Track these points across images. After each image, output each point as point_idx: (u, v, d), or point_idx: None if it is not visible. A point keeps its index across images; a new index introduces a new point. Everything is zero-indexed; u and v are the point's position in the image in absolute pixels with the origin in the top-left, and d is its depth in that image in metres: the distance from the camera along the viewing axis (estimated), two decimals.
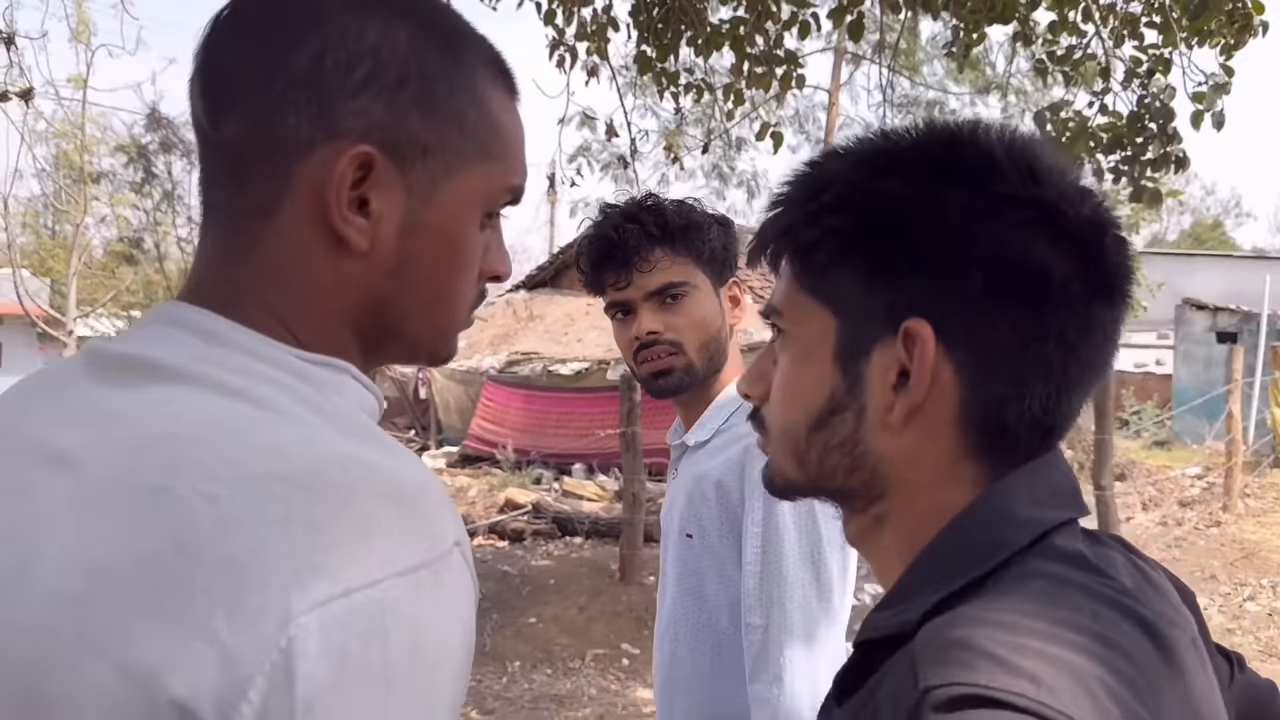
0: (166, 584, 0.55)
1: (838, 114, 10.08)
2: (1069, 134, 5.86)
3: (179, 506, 0.57)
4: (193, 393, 0.63)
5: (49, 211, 21.85)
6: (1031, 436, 0.71)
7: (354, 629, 0.54)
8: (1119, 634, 0.64)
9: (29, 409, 0.68)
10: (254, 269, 0.68)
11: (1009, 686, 0.57)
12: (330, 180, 0.66)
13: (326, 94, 0.66)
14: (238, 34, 0.69)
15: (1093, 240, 0.69)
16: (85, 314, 22.28)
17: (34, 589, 0.58)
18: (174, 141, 13.43)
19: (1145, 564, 0.79)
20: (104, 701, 0.54)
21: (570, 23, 6.37)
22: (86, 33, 17.18)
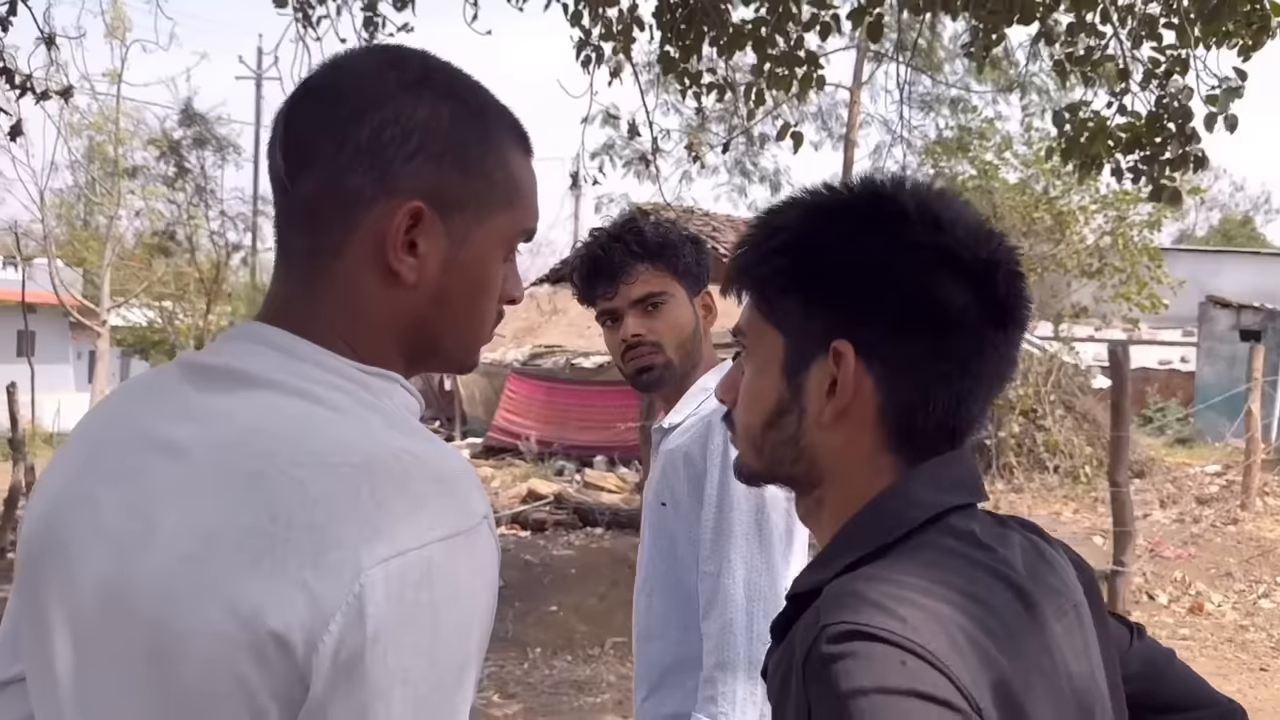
0: (265, 545, 0.72)
1: (859, 112, 10.15)
2: (1088, 134, 5.91)
3: (272, 486, 0.74)
4: (275, 396, 0.80)
5: (82, 203, 22.19)
6: (938, 436, 0.89)
7: (408, 580, 0.72)
8: (988, 594, 0.82)
9: (138, 408, 0.86)
10: (324, 298, 0.85)
11: (883, 624, 0.75)
12: (389, 229, 0.83)
13: (385, 160, 0.83)
14: (314, 109, 0.85)
15: (986, 277, 0.87)
16: (118, 304, 22.63)
17: (158, 550, 0.76)
18: (206, 137, 13.65)
19: (1046, 545, 0.97)
20: (217, 634, 0.72)
21: (596, 23, 6.45)
22: (121, 28, 17.48)
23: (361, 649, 0.70)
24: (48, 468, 0.93)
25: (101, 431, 0.87)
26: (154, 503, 0.77)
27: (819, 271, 0.88)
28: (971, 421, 0.90)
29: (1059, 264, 11.87)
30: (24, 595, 0.88)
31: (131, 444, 0.82)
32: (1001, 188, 11.72)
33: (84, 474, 0.85)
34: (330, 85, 0.86)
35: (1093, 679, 0.90)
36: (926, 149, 12.01)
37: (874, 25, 5.94)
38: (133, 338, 24.80)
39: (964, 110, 11.42)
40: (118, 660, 0.77)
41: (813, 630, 0.77)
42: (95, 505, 0.82)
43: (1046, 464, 11.30)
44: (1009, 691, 0.78)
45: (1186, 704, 1.08)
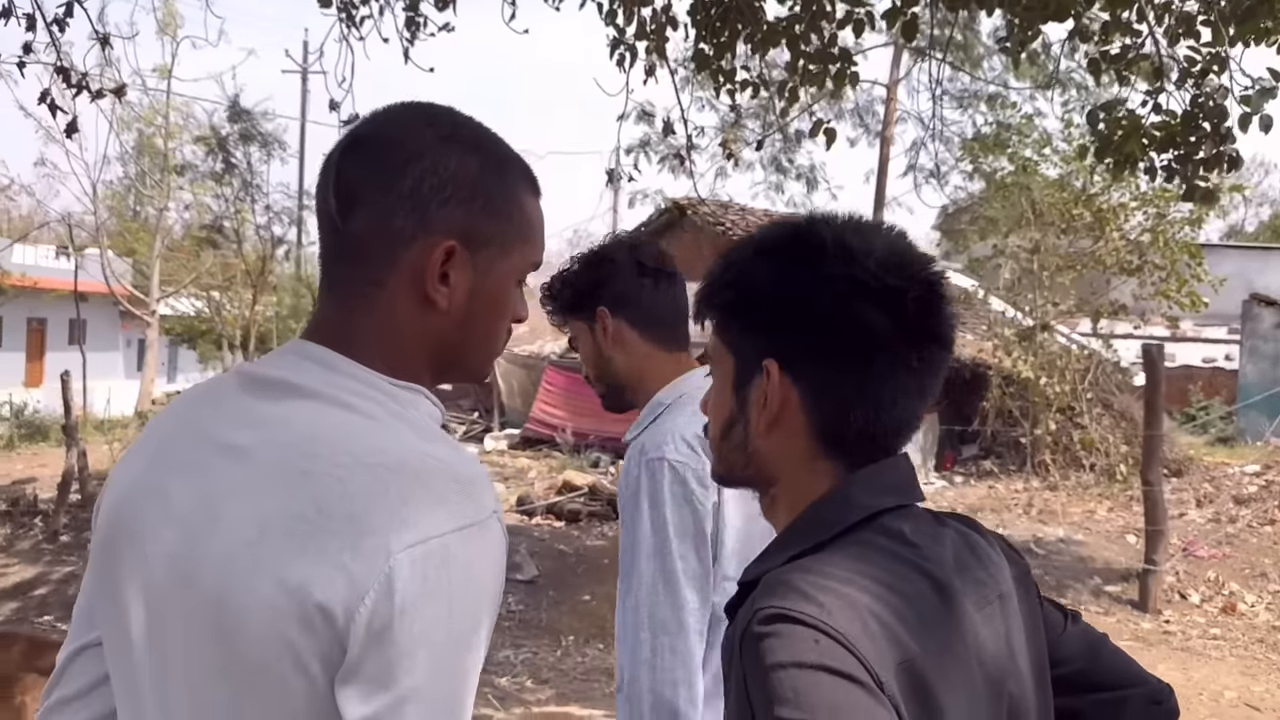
0: (311, 532, 0.87)
1: (895, 108, 10.14)
2: (1122, 132, 5.90)
3: (318, 483, 0.89)
4: (321, 406, 0.95)
5: (132, 195, 22.65)
6: (866, 443, 1.01)
7: (430, 562, 0.86)
8: (906, 585, 0.94)
9: (204, 414, 1.00)
10: (367, 321, 0.99)
11: (803, 609, 0.87)
12: (427, 263, 0.98)
13: (425, 204, 0.98)
14: (362, 159, 0.99)
15: (895, 302, 0.98)
16: (167, 294, 23.09)
17: (221, 536, 0.91)
18: (254, 133, 13.92)
19: (981, 540, 1.09)
20: (270, 606, 0.87)
21: (630, 22, 6.52)
22: (173, 25, 17.86)
23: (391, 618, 0.84)
24: (117, 466, 1.08)
25: (170, 432, 1.02)
26: (218, 496, 0.92)
27: (755, 301, 1.03)
28: (898, 430, 1.02)
29: (1098, 261, 11.78)
30: (99, 572, 1.02)
31: (199, 445, 0.97)
32: (1040, 184, 11.65)
33: (155, 468, 0.99)
34: (376, 137, 1.00)
35: (1011, 661, 1.02)
36: (964, 145, 11.95)
37: (908, 23, 5.96)
38: (181, 327, 25.29)
39: (1002, 106, 11.35)
40: (185, 625, 0.92)
41: (748, 612, 0.90)
42: (166, 496, 0.96)
43: (1083, 462, 11.25)
44: (916, 670, 0.89)
45: (1118, 683, 1.18)
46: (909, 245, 1.04)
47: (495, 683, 5.83)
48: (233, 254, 15.76)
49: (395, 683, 0.84)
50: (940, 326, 1.02)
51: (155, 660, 0.95)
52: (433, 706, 0.86)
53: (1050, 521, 9.59)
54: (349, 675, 0.85)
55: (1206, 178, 5.70)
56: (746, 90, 6.72)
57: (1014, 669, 1.02)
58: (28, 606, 8.60)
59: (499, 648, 6.61)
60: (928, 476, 12.27)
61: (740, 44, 6.31)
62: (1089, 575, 7.83)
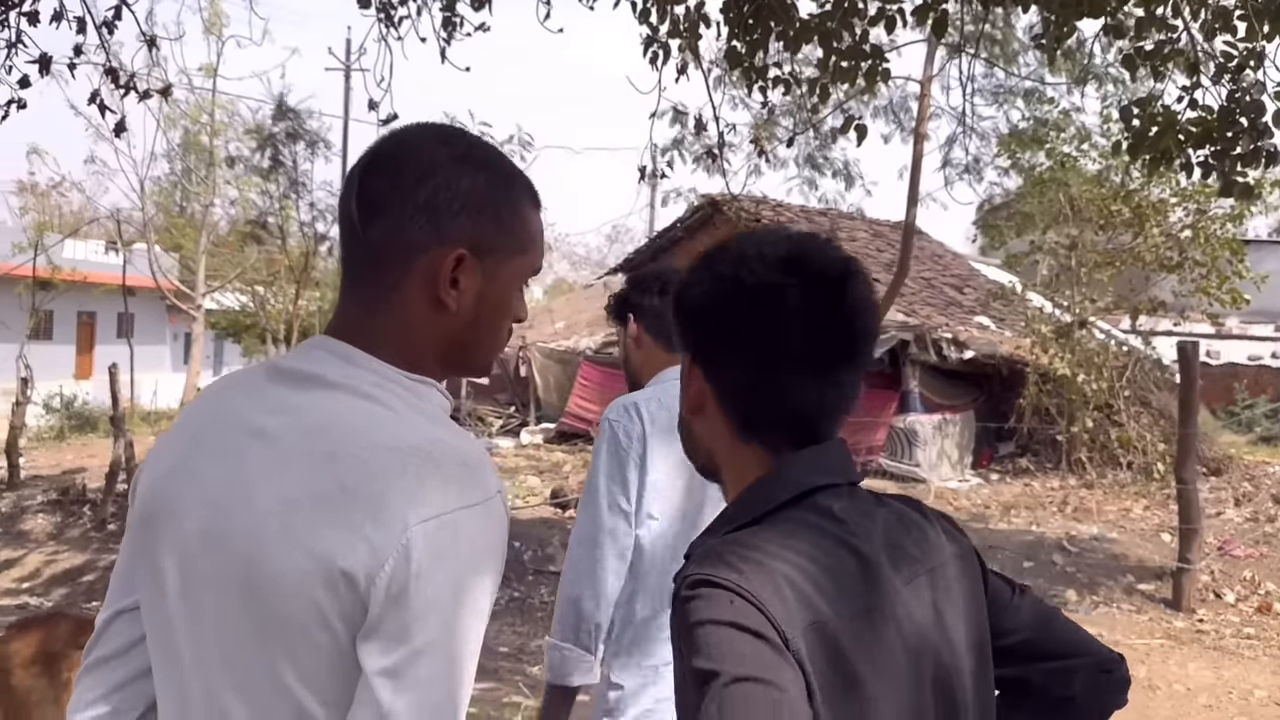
0: (336, 507, 0.99)
1: (929, 104, 10.11)
2: (1157, 129, 5.87)
3: (343, 465, 1.00)
4: (344, 395, 1.06)
5: (179, 191, 23.05)
6: (780, 429, 1.12)
7: (442, 535, 0.98)
8: (826, 557, 1.05)
9: (236, 402, 1.11)
10: (383, 320, 1.10)
11: (723, 575, 0.99)
12: (440, 269, 1.08)
13: (438, 216, 1.08)
14: (383, 175, 1.10)
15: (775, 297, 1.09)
16: (212, 289, 23.50)
17: (253, 510, 1.02)
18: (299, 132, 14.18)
19: (922, 519, 1.18)
20: (299, 570, 0.99)
21: (664, 20, 6.56)
22: (218, 25, 18.20)
23: (407, 583, 0.96)
24: (154, 448, 1.19)
25: (203, 420, 1.13)
26: (249, 476, 1.04)
27: (680, 309, 1.18)
28: (812, 415, 1.12)
29: (1137, 257, 11.66)
30: (138, 544, 1.13)
31: (231, 431, 1.08)
32: (1078, 180, 11.55)
33: (190, 453, 1.10)
34: (395, 155, 1.11)
35: (940, 630, 1.10)
36: (1001, 141, 11.88)
37: (939, 20, 5.96)
38: (226, 321, 25.72)
39: (1039, 101, 11.27)
40: (218, 590, 1.04)
41: (681, 578, 1.03)
42: (200, 478, 1.08)
43: (1120, 460, 11.16)
44: (827, 632, 1.00)
45: (1067, 653, 1.25)
46: (818, 247, 1.14)
47: (527, 671, 5.94)
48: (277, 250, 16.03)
49: (411, 638, 0.96)
50: (829, 317, 1.10)
51: (189, 621, 1.06)
52: (443, 660, 0.98)
53: (1085, 519, 9.54)
54: (370, 632, 0.97)
55: (1244, 173, 5.66)
56: (778, 87, 6.75)
57: (943, 638, 1.11)
58: (76, 592, 8.85)
59: (531, 637, 6.73)
60: (964, 474, 12.23)
61: (772, 41, 6.34)
62: (1122, 573, 7.80)
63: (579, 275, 33.24)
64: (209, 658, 1.05)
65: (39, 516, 10.82)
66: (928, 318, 12.87)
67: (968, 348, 12.20)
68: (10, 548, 10.11)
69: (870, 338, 1.15)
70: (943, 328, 12.50)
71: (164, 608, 1.08)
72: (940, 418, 12.25)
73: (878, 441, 11.85)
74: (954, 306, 14.43)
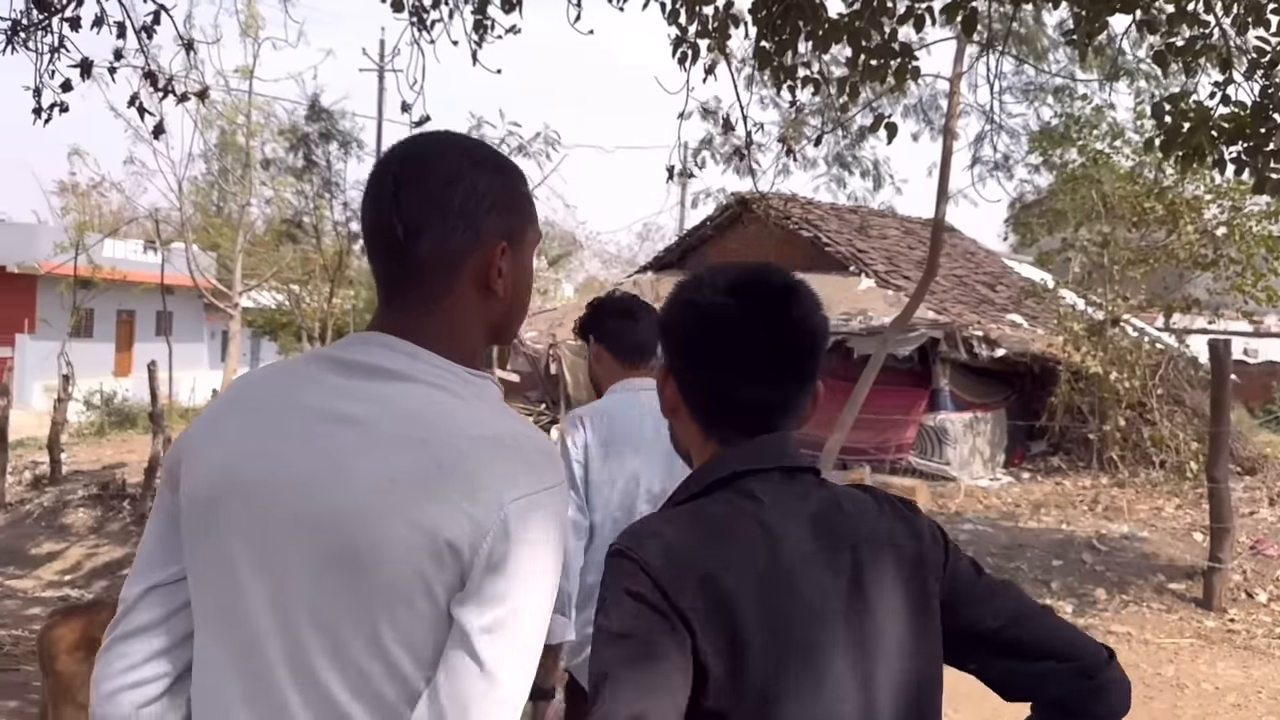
0: (435, 485, 1.11)
1: (959, 102, 10.07)
2: (1189, 125, 5.83)
3: (437, 449, 1.13)
4: (419, 387, 1.19)
5: (215, 190, 23.36)
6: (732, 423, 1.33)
7: (531, 512, 1.13)
8: (730, 527, 1.24)
9: (303, 389, 1.21)
10: (439, 321, 1.23)
11: (627, 544, 1.22)
12: (490, 263, 1.25)
13: (473, 217, 1.23)
14: (415, 190, 1.22)
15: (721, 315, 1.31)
16: (249, 288, 23.78)
17: (350, 489, 1.13)
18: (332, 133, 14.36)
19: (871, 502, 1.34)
20: (404, 542, 1.10)
21: (692, 21, 6.59)
22: (255, 28, 18.41)
23: (507, 553, 1.10)
24: (198, 431, 1.27)
25: (268, 406, 1.22)
26: (342, 458, 1.15)
27: (660, 327, 1.41)
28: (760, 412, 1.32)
29: (1170, 255, 11.55)
30: (197, 522, 1.22)
31: (307, 416, 1.19)
32: (1111, 177, 11.45)
33: (263, 437, 1.19)
34: (422, 171, 1.24)
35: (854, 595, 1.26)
36: (1032, 138, 11.79)
37: (969, 18, 5.95)
38: (262, 319, 26.02)
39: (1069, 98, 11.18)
40: (311, 563, 1.14)
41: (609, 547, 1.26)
42: (282, 459, 1.17)
43: (1153, 459, 11.07)
44: (719, 586, 1.18)
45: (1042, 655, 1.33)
46: (762, 272, 1.37)
47: None
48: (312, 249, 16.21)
49: (506, 601, 1.11)
50: (768, 331, 1.32)
51: (271, 592, 1.16)
52: (529, 618, 1.13)
53: (1116, 518, 9.48)
54: (467, 597, 1.10)
55: (1278, 169, 5.61)
56: (807, 87, 6.76)
57: (860, 603, 1.26)
58: (116, 585, 9.03)
59: None
60: (994, 472, 12.19)
61: (801, 41, 6.35)
62: (1152, 572, 7.75)
63: (610, 274, 33.33)
64: (296, 625, 1.14)
65: (80, 511, 11.05)
66: (959, 315, 12.82)
67: (999, 345, 12.14)
68: (53, 541, 10.34)
69: (813, 347, 1.35)
70: (974, 325, 12.45)
71: (233, 580, 1.17)
72: (971, 416, 12.20)
73: (907, 439, 11.83)
74: (986, 304, 14.36)
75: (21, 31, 5.74)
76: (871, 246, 15.45)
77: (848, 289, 13.85)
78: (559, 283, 31.08)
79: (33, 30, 5.79)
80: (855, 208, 15.01)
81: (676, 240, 18.62)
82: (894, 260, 15.25)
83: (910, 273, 14.12)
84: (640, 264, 20.70)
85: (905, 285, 13.25)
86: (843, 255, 14.59)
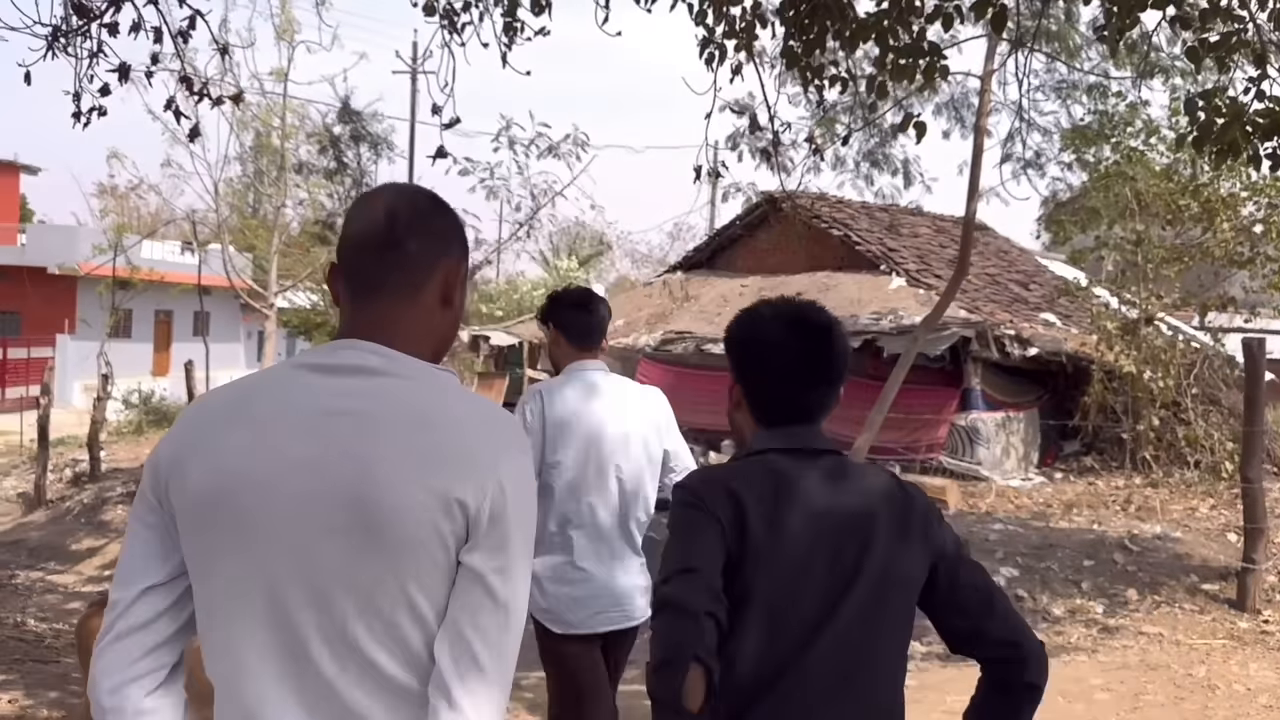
0: (442, 458, 1.33)
1: (990, 100, 10.01)
2: (1223, 121, 5.78)
3: (438, 431, 1.35)
4: (398, 381, 1.38)
5: (251, 192, 23.64)
6: (773, 417, 1.88)
7: (518, 476, 1.38)
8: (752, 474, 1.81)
9: (293, 392, 1.38)
10: (409, 321, 1.44)
11: (692, 482, 1.87)
12: (455, 276, 1.49)
13: (447, 240, 1.50)
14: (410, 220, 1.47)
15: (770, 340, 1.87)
16: (284, 288, 24.06)
17: (362, 463, 1.32)
18: (363, 134, 14.51)
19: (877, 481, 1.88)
20: (421, 504, 1.30)
21: (720, 22, 6.61)
22: (290, 31, 18.65)
23: (504, 509, 1.33)
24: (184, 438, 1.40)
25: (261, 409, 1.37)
26: (348, 441, 1.33)
27: (728, 344, 1.97)
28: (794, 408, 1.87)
29: (1206, 253, 11.42)
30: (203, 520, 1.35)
31: (306, 414, 1.36)
32: (1145, 174, 11.33)
33: (263, 435, 1.34)
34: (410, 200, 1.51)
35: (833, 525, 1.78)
36: (1064, 136, 11.69)
37: (998, 15, 5.92)
38: (297, 319, 26.33)
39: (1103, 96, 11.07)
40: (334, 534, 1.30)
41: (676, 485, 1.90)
42: (284, 454, 1.32)
43: (1187, 459, 10.95)
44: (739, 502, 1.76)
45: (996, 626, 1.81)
46: (801, 308, 1.92)
47: None
48: None
49: (510, 544, 1.34)
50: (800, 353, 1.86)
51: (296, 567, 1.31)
52: (526, 557, 1.38)
53: (1149, 518, 9.40)
54: (477, 545, 1.32)
55: None
56: (835, 86, 6.76)
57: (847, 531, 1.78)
58: None
59: None
60: (1027, 472, 12.11)
61: (829, 40, 6.35)
62: (1185, 573, 7.68)
63: (640, 273, 33.37)
64: (325, 591, 1.31)
65: (119, 507, 11.24)
66: (991, 314, 12.74)
67: (1031, 344, 12.05)
68: (92, 537, 10.53)
69: (838, 367, 1.87)
70: (1006, 324, 12.37)
71: (253, 563, 1.33)
72: (1003, 415, 12.12)
73: (938, 439, 11.77)
74: (1019, 303, 14.26)
75: (61, 37, 5.86)
76: (902, 245, 15.38)
77: (878, 288, 13.80)
78: (589, 283, 31.18)
79: (72, 36, 5.92)
80: (886, 206, 14.95)
81: (706, 240, 18.63)
82: (925, 259, 15.17)
83: (942, 271, 14.04)
84: (671, 263, 20.72)
85: (937, 284, 13.18)
86: (873, 254, 14.54)
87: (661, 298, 16.04)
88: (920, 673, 5.72)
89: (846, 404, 2.00)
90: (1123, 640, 6.53)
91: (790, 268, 14.89)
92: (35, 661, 6.26)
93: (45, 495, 11.90)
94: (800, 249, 13.85)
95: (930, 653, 5.97)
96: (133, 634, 1.38)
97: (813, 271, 14.67)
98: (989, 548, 8.16)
